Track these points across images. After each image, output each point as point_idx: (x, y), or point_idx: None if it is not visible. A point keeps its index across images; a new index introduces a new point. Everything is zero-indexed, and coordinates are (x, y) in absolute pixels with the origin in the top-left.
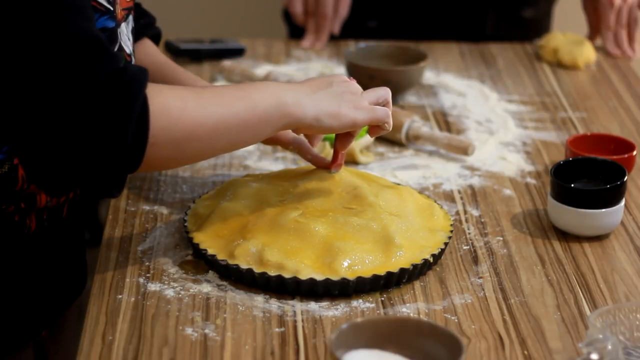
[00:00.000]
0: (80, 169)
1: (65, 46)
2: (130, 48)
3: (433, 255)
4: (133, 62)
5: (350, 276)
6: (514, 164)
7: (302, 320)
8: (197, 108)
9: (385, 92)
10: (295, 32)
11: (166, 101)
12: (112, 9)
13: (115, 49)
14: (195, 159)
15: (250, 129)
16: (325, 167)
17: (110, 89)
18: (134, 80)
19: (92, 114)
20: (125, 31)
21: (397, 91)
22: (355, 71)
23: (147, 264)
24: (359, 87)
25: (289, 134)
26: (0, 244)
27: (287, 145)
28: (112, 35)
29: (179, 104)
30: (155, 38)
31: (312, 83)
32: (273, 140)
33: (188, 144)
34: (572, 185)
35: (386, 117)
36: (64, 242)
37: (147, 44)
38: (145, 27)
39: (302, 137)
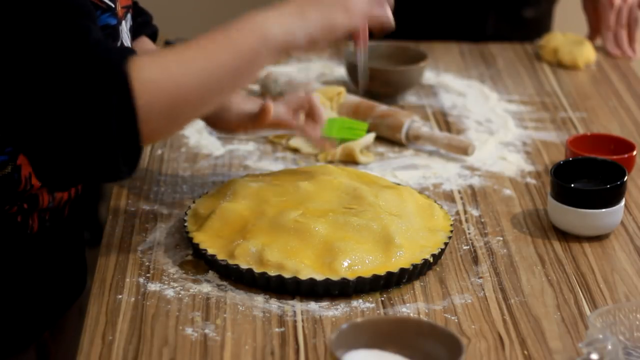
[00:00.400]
0: (82, 159)
1: (38, 35)
2: (130, 46)
3: (433, 255)
4: None
5: (350, 276)
6: (514, 164)
7: (302, 320)
8: (182, 72)
9: None
10: None
11: (148, 75)
12: (113, 6)
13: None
14: (191, 119)
15: (242, 73)
16: (287, 125)
17: (87, 73)
18: (111, 60)
19: (74, 101)
20: (125, 29)
21: (397, 91)
22: (355, 71)
23: (147, 264)
24: None
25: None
26: (3, 244)
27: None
28: (114, 32)
29: (163, 74)
30: (153, 36)
31: (300, 1)
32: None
33: (180, 109)
34: (572, 185)
35: (384, 13)
36: (64, 242)
37: (145, 41)
38: (143, 25)
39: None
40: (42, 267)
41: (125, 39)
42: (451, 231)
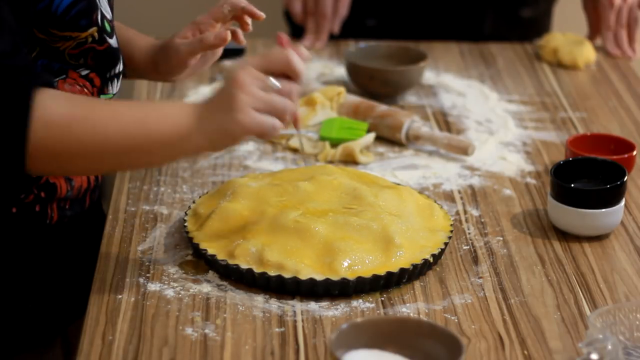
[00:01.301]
0: None
1: None
2: (110, 14)
3: (433, 255)
4: (114, 29)
5: (350, 276)
6: (514, 164)
7: (302, 320)
8: (86, 128)
9: (278, 59)
10: (297, 32)
11: (52, 116)
12: None
13: (98, 17)
14: (82, 173)
15: (145, 154)
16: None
17: None
18: (20, 87)
19: None
20: None
21: (397, 91)
22: (355, 71)
23: (147, 264)
24: (244, 79)
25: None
26: (23, 235)
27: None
28: (91, 2)
29: (65, 120)
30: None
31: (206, 103)
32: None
33: (73, 161)
34: (572, 185)
35: (272, 128)
36: (87, 233)
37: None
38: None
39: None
40: (64, 259)
41: (105, 7)
42: (451, 231)
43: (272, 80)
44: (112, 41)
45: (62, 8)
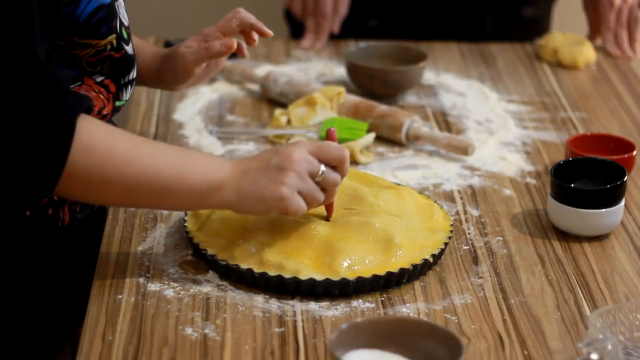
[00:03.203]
0: None
1: (4, 64)
2: (127, 21)
3: (433, 255)
4: (130, 35)
5: (350, 276)
6: (514, 164)
7: (302, 320)
8: (124, 160)
9: (333, 152)
10: (298, 32)
11: (95, 141)
12: None
13: (117, 24)
14: (109, 204)
15: (173, 197)
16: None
17: (40, 111)
18: (66, 110)
19: (14, 133)
20: (122, 4)
21: (397, 91)
22: (355, 71)
23: (147, 264)
24: (298, 156)
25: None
26: (36, 238)
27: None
28: (111, 10)
29: (108, 150)
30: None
31: (252, 160)
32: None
33: (103, 189)
34: (572, 185)
35: (300, 212)
36: (96, 234)
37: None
38: None
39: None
40: (74, 261)
41: (124, 14)
42: (451, 231)
43: (323, 168)
44: (129, 48)
45: (84, 15)
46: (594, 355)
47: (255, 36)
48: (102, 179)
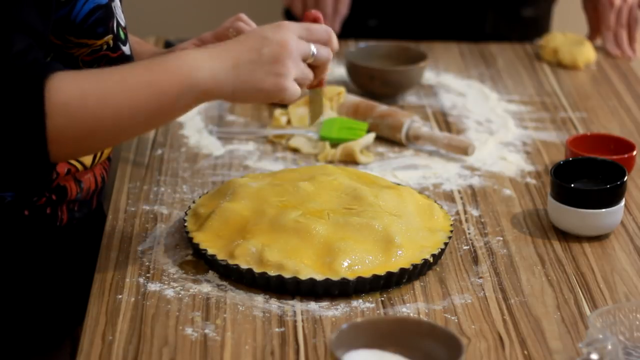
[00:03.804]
0: None
1: None
2: (124, 21)
3: (433, 255)
4: (127, 36)
5: (350, 276)
6: (514, 164)
7: (302, 320)
8: (97, 104)
9: (321, 34)
10: None
11: (65, 99)
12: None
13: (114, 25)
14: (103, 148)
15: (159, 115)
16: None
17: (3, 88)
18: (31, 79)
19: None
20: (118, 4)
21: (397, 91)
22: (355, 71)
23: (147, 264)
24: (290, 46)
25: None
26: (34, 237)
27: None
28: (108, 10)
29: (79, 101)
30: None
31: (239, 49)
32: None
33: (91, 138)
34: (572, 185)
35: (295, 97)
36: (94, 233)
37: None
38: None
39: (239, 23)
40: (72, 260)
41: (120, 14)
42: (451, 231)
43: (313, 49)
44: (125, 48)
45: (81, 16)
46: (594, 355)
47: None
48: (87, 129)
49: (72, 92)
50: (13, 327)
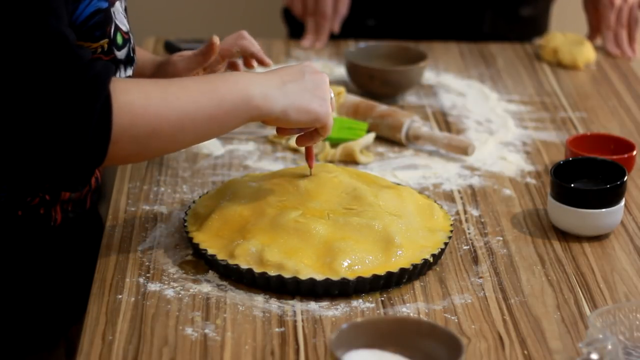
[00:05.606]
0: (44, 164)
1: (31, 44)
2: (127, 26)
3: (433, 255)
4: (132, 39)
5: (350, 276)
6: (514, 164)
7: (302, 320)
8: (161, 104)
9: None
10: (295, 32)
11: (130, 98)
12: None
13: (112, 30)
14: (159, 153)
15: (217, 123)
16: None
17: (73, 86)
18: (98, 78)
19: (54, 110)
20: (120, 9)
21: (397, 91)
22: (355, 71)
23: (147, 264)
24: (326, 79)
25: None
26: (28, 238)
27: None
28: (107, 15)
29: (143, 101)
30: None
31: (284, 73)
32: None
33: (151, 140)
34: (572, 185)
35: (331, 125)
36: (88, 233)
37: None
38: None
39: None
40: (66, 260)
41: (121, 19)
42: (451, 231)
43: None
44: (120, 53)
45: (82, 18)
46: (594, 355)
47: (255, 63)
48: (148, 130)
49: (136, 92)
50: (7, 327)
